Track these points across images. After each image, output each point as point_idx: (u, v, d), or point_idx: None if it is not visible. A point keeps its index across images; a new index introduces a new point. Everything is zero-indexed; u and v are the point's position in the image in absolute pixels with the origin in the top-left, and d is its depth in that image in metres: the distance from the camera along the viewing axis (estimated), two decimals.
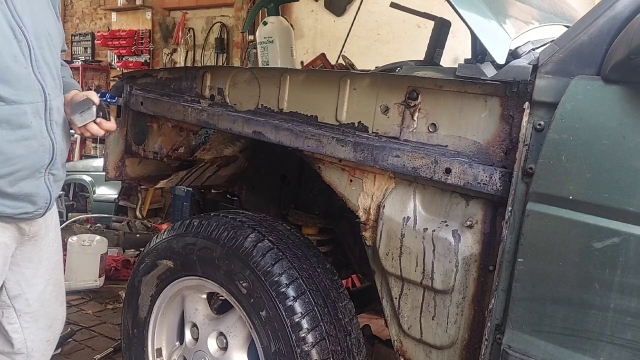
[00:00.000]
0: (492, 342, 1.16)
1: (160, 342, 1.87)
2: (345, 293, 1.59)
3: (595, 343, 1.03)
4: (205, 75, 1.71)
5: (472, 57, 1.68)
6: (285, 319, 1.44)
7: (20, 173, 1.33)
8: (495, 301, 1.14)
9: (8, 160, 1.30)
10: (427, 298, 1.27)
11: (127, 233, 4.16)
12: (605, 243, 0.99)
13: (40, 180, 1.39)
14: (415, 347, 1.32)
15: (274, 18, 2.82)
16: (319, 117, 1.44)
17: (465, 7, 1.22)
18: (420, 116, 1.27)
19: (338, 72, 1.45)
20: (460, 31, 1.55)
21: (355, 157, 1.32)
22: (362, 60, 2.84)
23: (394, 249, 1.30)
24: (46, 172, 1.40)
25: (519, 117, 1.12)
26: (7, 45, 1.27)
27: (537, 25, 1.51)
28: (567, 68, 1.08)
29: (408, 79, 1.29)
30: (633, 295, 0.98)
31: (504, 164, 1.15)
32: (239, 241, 1.53)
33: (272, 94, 1.53)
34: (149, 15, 6.23)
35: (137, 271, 1.82)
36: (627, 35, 0.97)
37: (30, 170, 1.35)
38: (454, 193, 1.23)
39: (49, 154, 1.39)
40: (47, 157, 1.38)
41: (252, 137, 1.52)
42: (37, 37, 1.34)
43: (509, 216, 1.11)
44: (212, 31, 5.66)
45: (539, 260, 1.07)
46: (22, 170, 1.33)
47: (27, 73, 1.32)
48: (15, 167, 1.31)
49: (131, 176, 2.08)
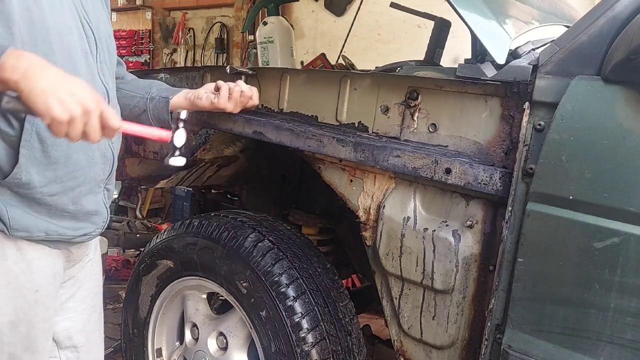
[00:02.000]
0: (492, 342, 1.16)
1: (160, 342, 1.87)
2: (345, 293, 1.59)
3: (595, 343, 1.03)
4: (205, 76, 1.71)
5: (472, 57, 1.68)
6: (286, 319, 1.44)
7: (82, 188, 1.17)
8: (495, 301, 1.14)
9: (71, 173, 1.13)
10: (427, 298, 1.27)
11: (127, 233, 4.15)
12: (605, 243, 1.00)
13: (99, 196, 1.23)
14: (415, 347, 1.32)
15: (274, 18, 2.82)
16: (320, 117, 1.44)
17: (465, 7, 1.22)
18: (420, 116, 1.27)
19: (338, 72, 1.45)
20: (460, 31, 1.55)
21: (356, 157, 1.32)
22: (362, 60, 2.84)
23: (394, 249, 1.30)
24: (104, 187, 1.24)
25: (519, 117, 1.12)
26: (79, 40, 1.13)
27: (537, 25, 1.51)
28: (567, 68, 1.08)
29: (408, 79, 1.29)
30: (633, 295, 0.99)
31: (504, 164, 1.15)
32: (240, 241, 1.53)
33: (273, 94, 1.53)
34: (149, 15, 6.23)
35: (137, 271, 1.83)
36: (627, 36, 0.97)
37: (90, 185, 1.19)
38: (455, 193, 1.23)
39: (109, 166, 1.24)
40: (107, 170, 1.23)
41: (252, 137, 1.53)
42: (100, 38, 1.20)
43: (509, 216, 1.11)
44: (212, 31, 5.66)
45: (539, 260, 1.07)
46: (84, 184, 1.17)
47: (94, 73, 1.18)
48: (78, 181, 1.15)
49: (131, 176, 2.08)
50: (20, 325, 1.15)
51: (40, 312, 1.18)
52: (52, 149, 1.08)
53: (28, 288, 1.14)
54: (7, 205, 1.08)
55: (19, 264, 1.12)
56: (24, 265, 1.13)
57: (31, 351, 1.19)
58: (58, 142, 1.09)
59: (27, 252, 1.13)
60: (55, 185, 1.11)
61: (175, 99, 1.44)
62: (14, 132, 1.04)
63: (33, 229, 1.11)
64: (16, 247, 1.12)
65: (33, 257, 1.14)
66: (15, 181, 1.06)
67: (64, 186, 1.13)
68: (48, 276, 1.18)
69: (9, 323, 1.13)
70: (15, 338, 1.15)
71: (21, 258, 1.12)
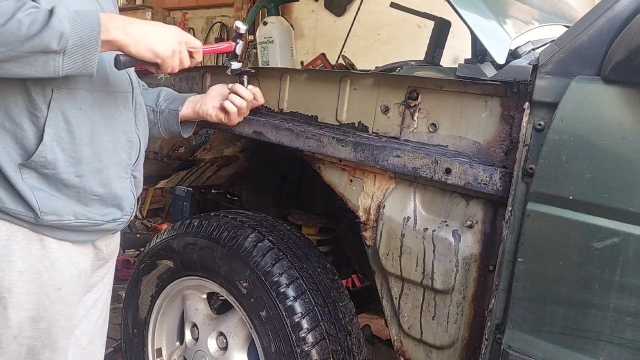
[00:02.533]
0: (492, 342, 1.16)
1: (160, 342, 1.87)
2: (345, 293, 1.59)
3: (595, 343, 1.03)
4: (205, 76, 1.71)
5: (472, 57, 1.68)
6: (286, 319, 1.44)
7: (109, 171, 1.19)
8: (495, 301, 1.14)
9: (97, 155, 1.15)
10: (427, 298, 1.27)
11: (127, 233, 4.15)
12: (605, 243, 0.99)
13: (126, 181, 1.25)
14: (415, 347, 1.32)
15: (274, 18, 2.82)
16: (319, 117, 1.44)
17: (465, 7, 1.22)
18: (420, 116, 1.27)
19: (338, 72, 1.45)
20: (460, 31, 1.55)
21: (356, 157, 1.32)
22: (362, 60, 2.84)
23: (394, 249, 1.30)
24: (130, 173, 1.27)
25: (519, 118, 1.12)
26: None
27: (537, 25, 1.51)
28: (567, 68, 1.08)
29: (408, 79, 1.29)
30: (633, 295, 0.99)
31: (504, 164, 1.15)
32: (239, 241, 1.53)
33: (272, 94, 1.53)
34: (149, 15, 6.22)
35: (137, 271, 1.83)
36: (627, 36, 0.97)
37: (117, 169, 1.21)
38: (454, 193, 1.23)
39: (135, 151, 1.27)
40: (133, 155, 1.26)
41: (252, 137, 1.53)
42: None
43: (509, 216, 1.11)
44: (212, 31, 5.66)
45: (539, 260, 1.07)
46: (110, 167, 1.19)
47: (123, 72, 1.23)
48: (104, 164, 1.17)
49: None
50: (40, 322, 1.17)
51: (62, 310, 1.19)
52: (76, 129, 1.11)
53: (51, 285, 1.15)
54: (34, 190, 1.08)
55: (44, 261, 1.14)
56: (48, 263, 1.14)
57: (51, 349, 1.20)
58: (82, 123, 1.12)
59: (52, 250, 1.14)
60: (81, 166, 1.13)
61: (184, 111, 1.48)
62: (40, 113, 1.07)
63: (62, 212, 1.12)
64: (41, 244, 1.13)
65: (58, 254, 1.15)
66: (41, 160, 1.07)
67: (90, 167, 1.15)
68: (72, 275, 1.19)
69: (30, 318, 1.15)
70: (35, 333, 1.17)
71: (46, 255, 1.14)
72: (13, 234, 1.10)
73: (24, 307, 1.13)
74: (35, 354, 1.18)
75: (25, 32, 0.93)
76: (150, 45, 1.08)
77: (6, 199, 1.07)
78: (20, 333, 1.15)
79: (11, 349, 1.15)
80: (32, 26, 0.94)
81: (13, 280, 1.11)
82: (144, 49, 1.08)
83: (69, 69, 0.99)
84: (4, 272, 1.10)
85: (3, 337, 1.14)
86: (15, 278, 1.11)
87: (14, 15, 0.93)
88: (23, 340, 1.16)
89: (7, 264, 1.10)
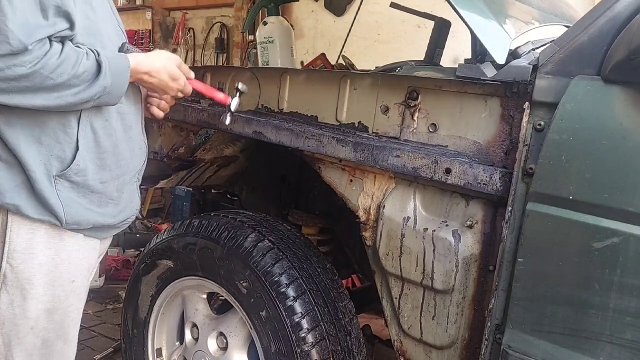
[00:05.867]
0: (492, 342, 1.16)
1: (160, 342, 1.87)
2: (345, 293, 1.59)
3: (595, 343, 1.03)
4: (205, 76, 1.71)
5: (472, 57, 1.68)
6: (286, 319, 1.44)
7: (125, 177, 1.28)
8: (495, 301, 1.14)
9: (118, 162, 1.25)
10: (427, 298, 1.27)
11: (127, 233, 4.13)
12: (605, 243, 0.99)
13: (134, 185, 1.35)
14: (415, 347, 1.32)
15: (274, 18, 2.82)
16: (319, 117, 1.44)
17: (465, 7, 1.22)
18: (420, 116, 1.27)
19: (338, 72, 1.45)
20: (460, 31, 1.55)
21: (356, 157, 1.32)
22: (362, 60, 2.84)
23: (394, 249, 1.30)
24: (137, 176, 1.36)
25: (519, 118, 1.12)
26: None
27: (537, 25, 1.51)
28: (567, 68, 1.08)
29: (408, 79, 1.29)
30: (633, 295, 0.99)
31: (504, 164, 1.15)
32: (239, 241, 1.53)
33: (273, 94, 1.53)
34: (149, 15, 6.22)
35: (137, 271, 1.83)
36: (627, 36, 0.97)
37: (130, 175, 1.31)
38: (454, 193, 1.23)
39: (144, 157, 1.37)
40: (142, 161, 1.35)
41: (252, 137, 1.53)
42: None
43: (509, 216, 1.11)
44: (212, 31, 5.65)
45: (539, 260, 1.07)
46: (127, 173, 1.28)
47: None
48: (122, 170, 1.27)
49: None
50: (55, 314, 1.23)
51: (75, 302, 1.28)
52: (102, 139, 1.20)
53: (66, 278, 1.23)
54: (63, 202, 1.16)
55: (61, 255, 1.20)
56: (65, 256, 1.21)
57: (63, 339, 1.27)
58: (107, 133, 1.21)
59: (69, 244, 1.21)
60: (105, 172, 1.22)
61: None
62: (72, 125, 1.16)
63: (83, 222, 1.21)
64: (60, 238, 1.19)
65: (73, 249, 1.22)
66: (76, 168, 1.16)
67: (111, 174, 1.24)
68: (83, 268, 1.27)
69: (46, 310, 1.21)
70: (50, 325, 1.23)
71: (63, 249, 1.21)
72: (36, 229, 1.17)
73: (42, 299, 1.19)
74: (50, 345, 1.24)
75: (77, 89, 1.07)
76: (167, 83, 1.26)
77: (30, 209, 1.14)
78: (36, 324, 1.20)
79: (27, 340, 1.21)
80: (84, 78, 1.07)
81: (34, 272, 1.17)
82: (161, 84, 1.25)
83: (99, 104, 1.14)
84: (27, 265, 1.16)
85: (21, 328, 1.19)
86: (36, 270, 1.17)
87: (75, 67, 1.05)
88: (39, 332, 1.21)
89: (29, 256, 1.16)
